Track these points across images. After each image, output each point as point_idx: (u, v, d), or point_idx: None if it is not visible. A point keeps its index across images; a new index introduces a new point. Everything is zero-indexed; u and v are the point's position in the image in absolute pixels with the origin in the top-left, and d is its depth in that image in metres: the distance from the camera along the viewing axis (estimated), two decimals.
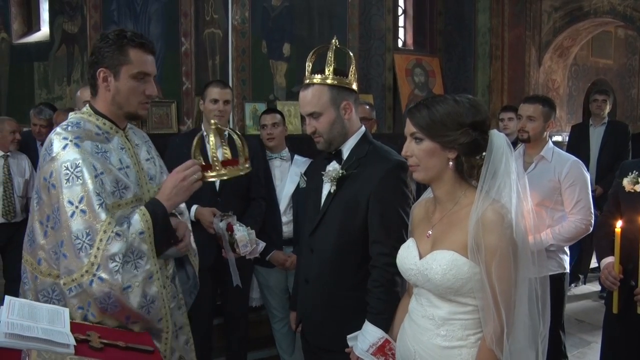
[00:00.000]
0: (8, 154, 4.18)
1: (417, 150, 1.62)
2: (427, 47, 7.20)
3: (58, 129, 1.80)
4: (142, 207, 1.79)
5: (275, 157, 3.55)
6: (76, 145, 1.73)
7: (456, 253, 1.57)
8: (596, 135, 5.30)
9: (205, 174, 1.89)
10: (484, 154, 1.60)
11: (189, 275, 2.13)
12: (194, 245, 2.08)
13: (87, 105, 1.90)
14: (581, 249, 5.28)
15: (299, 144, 3.75)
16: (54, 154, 1.73)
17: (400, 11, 7.14)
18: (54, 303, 1.76)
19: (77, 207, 1.68)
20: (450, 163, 1.61)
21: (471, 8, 6.96)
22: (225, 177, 1.93)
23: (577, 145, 5.32)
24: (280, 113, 3.66)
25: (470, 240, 1.53)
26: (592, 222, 2.96)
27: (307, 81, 2.02)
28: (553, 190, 2.98)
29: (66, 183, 1.69)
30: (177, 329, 1.95)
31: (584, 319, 4.68)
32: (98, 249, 1.66)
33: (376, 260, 1.97)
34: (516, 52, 6.86)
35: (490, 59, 6.94)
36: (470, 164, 1.61)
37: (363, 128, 2.13)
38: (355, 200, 2.00)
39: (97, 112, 1.87)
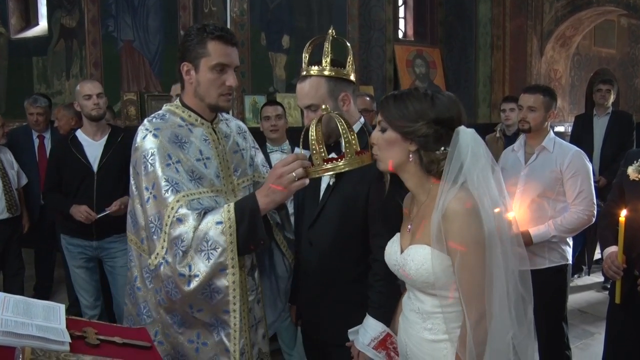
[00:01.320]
0: None
1: (380, 139, 1.63)
2: (428, 37, 7.16)
3: (144, 121, 1.89)
4: (233, 201, 1.76)
5: (276, 150, 3.53)
6: (154, 135, 1.81)
7: (428, 247, 1.56)
8: (600, 125, 5.25)
9: (309, 169, 1.69)
10: (443, 149, 1.57)
11: (286, 267, 2.12)
12: (288, 235, 2.08)
13: (178, 98, 1.95)
14: (585, 240, 5.26)
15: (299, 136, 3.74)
16: (137, 145, 1.84)
17: (400, 2, 7.10)
18: (151, 281, 1.85)
19: (151, 192, 1.76)
20: (411, 156, 1.60)
21: None
22: (330, 173, 1.73)
23: (580, 136, 5.27)
24: (281, 105, 3.64)
25: (435, 233, 1.52)
26: (595, 212, 2.93)
27: (304, 73, 1.98)
28: (555, 181, 2.95)
29: (143, 170, 1.78)
30: (256, 322, 1.96)
31: (588, 310, 4.67)
32: (165, 232, 1.72)
33: (377, 254, 1.94)
34: (518, 42, 6.82)
35: (492, 50, 6.90)
36: (429, 158, 1.59)
37: (362, 119, 2.10)
38: (355, 193, 1.97)
39: (184, 105, 1.92)
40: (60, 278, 4.84)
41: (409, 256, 1.59)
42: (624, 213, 2.31)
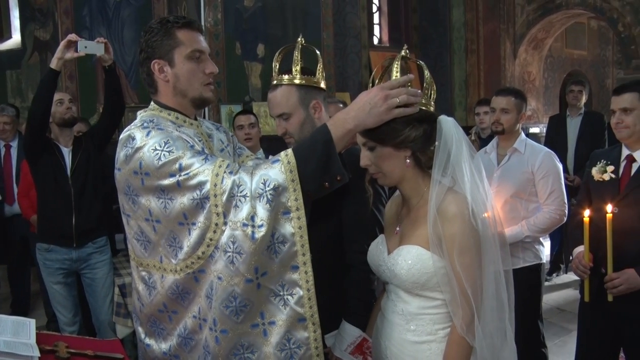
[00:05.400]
0: None
1: (373, 159, 1.61)
2: (403, 43, 7.22)
3: (135, 123, 1.66)
4: (289, 151, 1.52)
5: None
6: (159, 128, 1.60)
7: (421, 247, 1.57)
8: (573, 125, 5.35)
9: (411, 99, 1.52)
10: (437, 143, 1.59)
11: None
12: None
13: (152, 103, 1.77)
14: (562, 239, 5.34)
15: (280, 145, 3.76)
16: (138, 144, 1.56)
17: (374, 8, 7.17)
18: (178, 301, 1.61)
19: (177, 177, 1.51)
20: (407, 161, 1.60)
21: (445, 3, 7.02)
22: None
23: (555, 136, 5.38)
24: (254, 114, 3.68)
25: (430, 232, 1.53)
26: (566, 212, 2.99)
27: (275, 82, 1.99)
28: (527, 182, 3.00)
29: (157, 162, 1.52)
30: None
31: (565, 307, 4.73)
32: (214, 196, 1.48)
33: (352, 260, 1.95)
34: (491, 45, 6.93)
35: (466, 53, 7.00)
36: (427, 157, 1.61)
37: None
38: (330, 200, 1.98)
39: (165, 107, 1.73)
40: (36, 293, 4.77)
41: (400, 256, 1.59)
42: (587, 213, 2.35)
